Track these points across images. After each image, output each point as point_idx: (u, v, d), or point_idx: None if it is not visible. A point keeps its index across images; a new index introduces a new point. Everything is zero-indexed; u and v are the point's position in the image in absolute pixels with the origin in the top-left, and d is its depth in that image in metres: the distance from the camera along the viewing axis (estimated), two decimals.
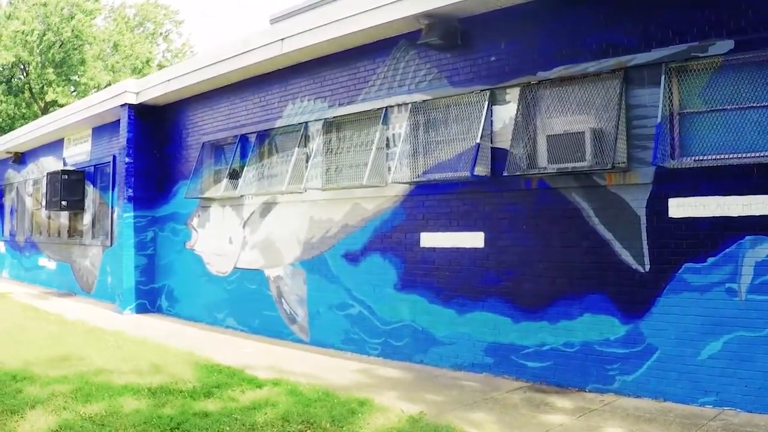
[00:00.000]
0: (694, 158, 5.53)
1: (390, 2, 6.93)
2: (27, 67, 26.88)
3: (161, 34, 31.47)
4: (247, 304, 9.34)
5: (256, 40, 8.66)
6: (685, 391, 5.42)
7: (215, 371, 6.39)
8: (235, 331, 9.39)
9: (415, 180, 7.02)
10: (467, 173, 6.48)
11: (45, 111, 25.68)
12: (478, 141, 6.51)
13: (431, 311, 7.05)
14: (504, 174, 6.30)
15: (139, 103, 11.36)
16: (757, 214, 5.09)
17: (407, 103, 7.36)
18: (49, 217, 15.14)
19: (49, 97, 25.99)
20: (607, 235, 5.95)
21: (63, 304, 12.30)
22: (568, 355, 6.08)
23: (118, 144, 12.33)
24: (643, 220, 5.74)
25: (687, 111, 5.66)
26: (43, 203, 15.13)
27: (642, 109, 5.78)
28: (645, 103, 5.77)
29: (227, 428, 4.58)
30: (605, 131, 5.92)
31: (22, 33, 25.28)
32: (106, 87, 21.42)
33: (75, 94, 27.09)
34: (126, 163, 11.28)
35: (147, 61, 29.15)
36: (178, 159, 11.13)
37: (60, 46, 26.30)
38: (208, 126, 10.42)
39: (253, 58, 8.81)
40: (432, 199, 7.12)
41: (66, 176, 13.45)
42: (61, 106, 21.87)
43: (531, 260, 6.39)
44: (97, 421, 4.69)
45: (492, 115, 6.68)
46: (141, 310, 11.32)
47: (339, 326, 7.93)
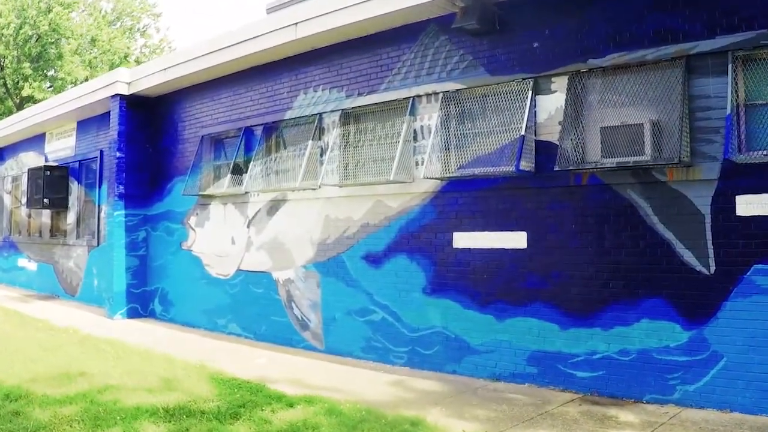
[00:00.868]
0: (764, 152, 4.96)
1: None
2: (2, 62, 25.49)
3: (139, 29, 30.24)
4: (252, 309, 8.53)
5: (265, 26, 7.86)
6: (753, 401, 4.88)
7: (234, 386, 5.62)
8: (239, 338, 8.58)
9: (449, 175, 6.35)
10: (511, 168, 5.84)
11: (20, 107, 24.33)
12: (522, 133, 5.88)
13: (466, 317, 6.38)
14: (555, 168, 5.68)
15: (131, 94, 10.45)
16: None
17: (438, 93, 6.68)
18: (29, 216, 14.04)
19: (25, 92, 24.79)
20: (667, 235, 5.37)
21: (48, 309, 11.30)
22: (623, 364, 5.49)
23: (106, 138, 11.38)
24: (708, 218, 5.17)
25: (755, 102, 5.11)
26: (23, 201, 14.02)
27: (705, 100, 5.23)
28: (709, 93, 5.22)
29: None
30: (666, 123, 5.36)
31: None
32: (83, 83, 20.37)
33: (51, 89, 25.91)
34: (117, 158, 10.34)
35: (125, 57, 27.95)
36: (173, 154, 10.24)
37: (37, 40, 25.15)
38: (207, 118, 9.57)
39: (261, 45, 8.02)
40: (466, 197, 6.45)
41: (48, 172, 12.42)
42: (37, 101, 20.66)
43: (580, 262, 5.78)
44: None
45: (536, 106, 6.02)
46: (132, 314, 10.39)
47: (358, 333, 7.20)
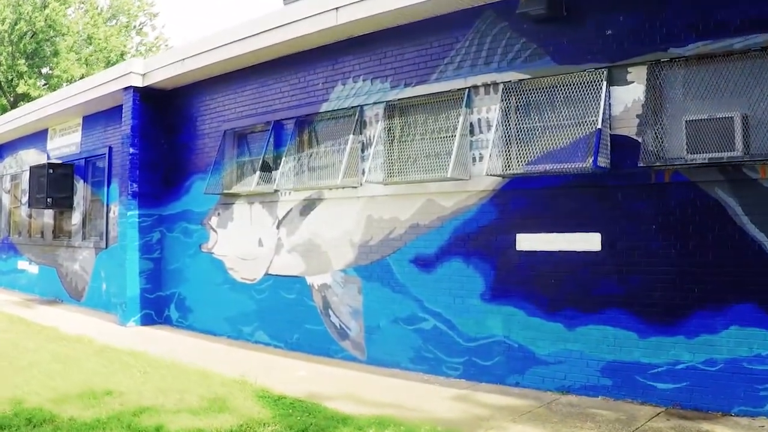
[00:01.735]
0: None
1: None
2: None
3: (135, 27, 29.44)
4: (282, 316, 7.92)
5: (302, 11, 7.26)
6: None
7: (286, 406, 5.04)
8: (267, 347, 7.97)
9: (515, 172, 5.80)
10: (588, 164, 5.33)
11: (14, 104, 23.52)
12: (599, 126, 5.34)
13: (531, 325, 5.84)
14: (640, 165, 5.18)
15: (145, 86, 9.80)
16: None
17: (497, 83, 6.14)
18: (30, 216, 13.30)
19: (20, 90, 24.09)
20: (759, 237, 4.90)
21: (53, 315, 10.59)
22: (710, 375, 5.02)
23: (116, 133, 10.73)
24: None
25: None
26: (23, 200, 13.27)
27: None
28: None
29: None
30: (758, 117, 4.86)
31: None
32: (79, 80, 19.81)
33: (46, 87, 25.19)
34: (130, 155, 9.67)
35: (121, 55, 27.12)
36: (191, 150, 9.59)
37: (32, 37, 24.40)
38: (230, 112, 8.94)
39: (294, 32, 7.43)
40: (531, 195, 5.92)
41: (52, 170, 11.68)
42: (33, 99, 19.96)
43: (661, 265, 5.29)
44: None
45: (610, 98, 5.50)
46: (146, 321, 9.72)
47: (406, 343, 6.63)
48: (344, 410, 4.94)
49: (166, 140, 10.06)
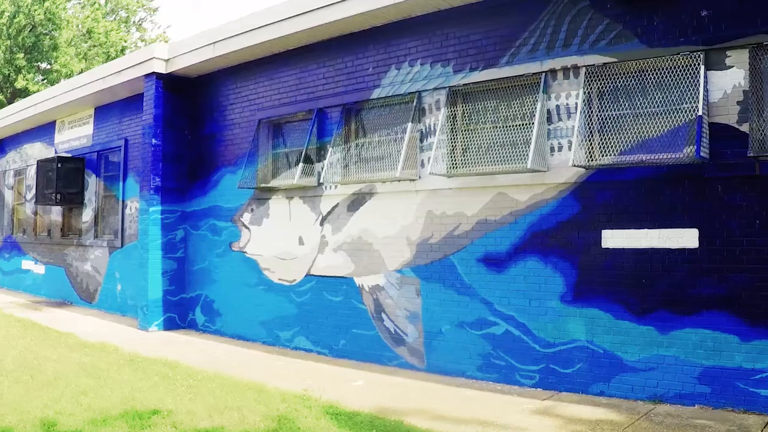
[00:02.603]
0: None
1: None
2: None
3: (134, 22, 29.60)
4: (327, 320, 7.64)
5: None
6: None
7: (365, 424, 4.84)
8: (310, 354, 7.71)
9: (604, 162, 5.58)
10: (690, 154, 5.11)
11: (12, 99, 23.35)
12: (700, 113, 5.11)
13: (618, 329, 5.61)
14: (749, 155, 4.95)
15: (169, 73, 9.47)
16: None
17: (579, 67, 5.89)
18: (35, 213, 13.00)
19: (19, 84, 23.99)
20: None
21: (66, 319, 10.30)
22: None
23: (133, 124, 10.48)
24: None
25: None
26: (28, 197, 12.96)
27: None
28: None
29: None
30: None
31: None
32: (78, 75, 19.82)
33: (44, 82, 25.24)
34: (153, 146, 9.38)
35: (122, 50, 27.17)
36: (219, 141, 9.31)
37: (31, 30, 24.37)
38: (265, 100, 8.67)
39: (342, 13, 7.18)
40: (619, 188, 5.69)
41: (61, 164, 11.34)
42: (31, 94, 19.78)
43: (766, 263, 5.02)
44: None
45: (708, 83, 5.27)
46: (169, 326, 9.44)
47: (473, 349, 6.38)
48: (428, 428, 4.67)
49: (190, 131, 9.78)
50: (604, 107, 5.80)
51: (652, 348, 5.47)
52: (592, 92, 5.86)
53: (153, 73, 9.44)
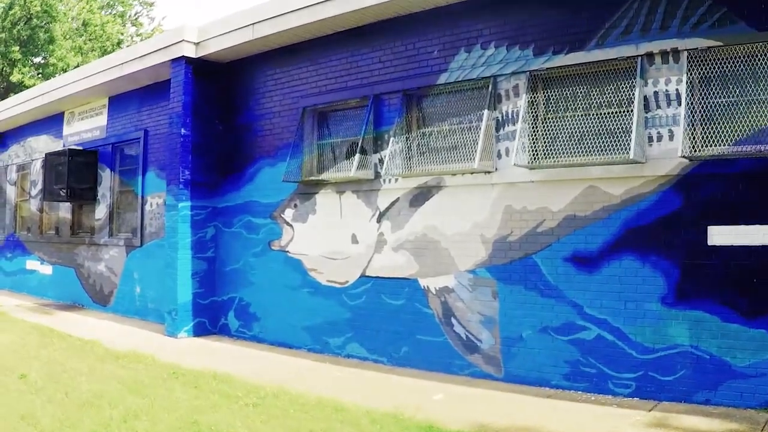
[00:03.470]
0: None
1: None
2: None
3: (130, 16, 29.92)
4: (385, 325, 7.44)
5: None
6: None
7: None
8: (365, 363, 7.52)
9: (716, 153, 5.41)
10: None
11: (6, 94, 23.42)
12: None
13: (727, 333, 5.49)
14: None
15: (198, 58, 9.19)
16: None
17: (679, 51, 5.72)
18: (41, 210, 12.72)
19: (14, 78, 24.09)
20: None
21: (84, 324, 10.08)
22: None
23: (154, 115, 10.34)
24: None
25: None
26: (33, 193, 12.68)
27: None
28: None
29: None
30: None
31: None
32: (75, 69, 20.01)
33: (39, 76, 25.33)
34: (182, 137, 9.12)
35: (118, 44, 27.43)
36: (255, 132, 9.08)
37: (26, 23, 24.46)
38: (310, 86, 8.45)
39: None
40: (726, 181, 5.59)
41: (71, 158, 11.03)
42: (27, 88, 19.66)
43: None
44: None
45: None
46: (200, 331, 9.20)
47: (559, 356, 6.20)
48: None
49: (221, 120, 9.53)
50: (709, 94, 5.65)
51: (764, 352, 5.33)
52: (694, 78, 5.70)
53: (182, 57, 9.19)
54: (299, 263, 8.42)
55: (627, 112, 5.93)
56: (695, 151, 5.62)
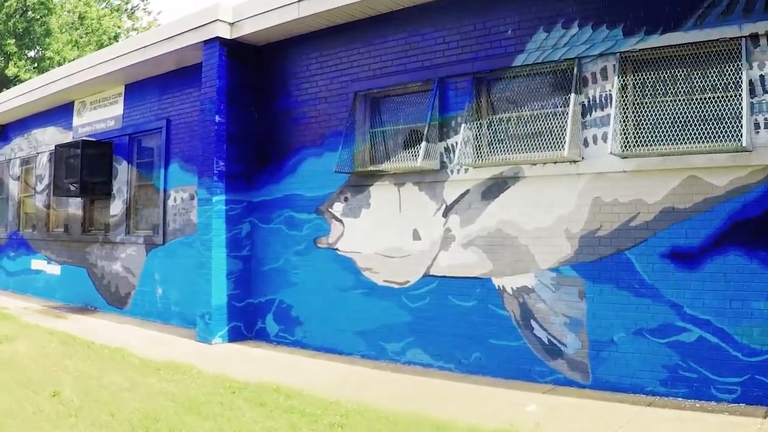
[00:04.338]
0: None
1: None
2: None
3: (126, 10, 30.95)
4: (452, 329, 7.45)
5: None
6: None
7: None
8: (429, 370, 7.55)
9: None
10: None
11: (0, 88, 23.60)
12: None
13: None
14: None
15: (233, 39, 9.10)
16: None
17: None
18: (48, 207, 12.62)
19: (9, 72, 24.67)
20: None
21: (104, 329, 10.06)
22: None
23: (178, 102, 10.47)
24: None
25: None
26: (39, 188, 12.62)
27: None
28: None
29: None
30: None
31: None
32: (71, 62, 20.54)
33: (35, 69, 25.87)
34: (216, 124, 9.07)
35: (115, 37, 28.19)
36: (298, 119, 9.05)
37: (22, 15, 25.13)
38: (362, 69, 8.44)
39: None
40: None
41: (83, 150, 10.91)
42: (22, 82, 20.51)
43: None
44: None
45: None
46: (235, 336, 9.16)
47: (655, 360, 6.23)
48: None
49: (256, 107, 9.44)
50: None
51: None
52: None
53: (216, 38, 9.14)
54: (351, 262, 8.37)
55: (729, 96, 5.94)
56: None
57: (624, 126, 6.49)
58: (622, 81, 6.51)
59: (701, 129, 6.07)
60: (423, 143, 7.52)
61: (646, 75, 6.47)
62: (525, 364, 6.96)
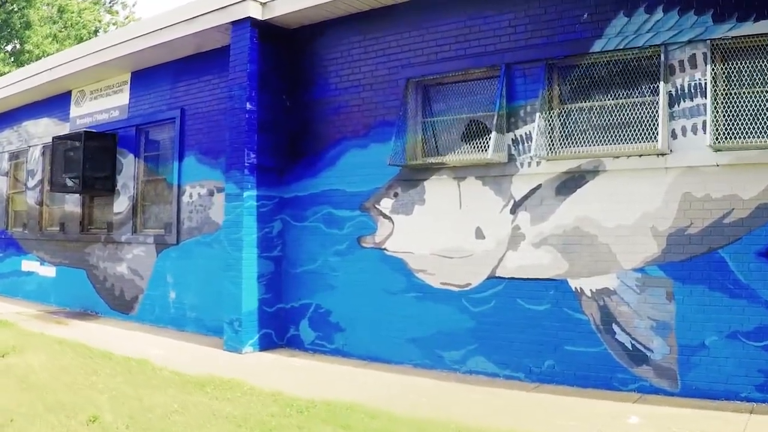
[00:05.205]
0: None
1: None
2: None
3: (104, 4, 31.84)
4: (521, 335, 7.52)
5: None
6: None
7: None
8: (495, 380, 7.66)
9: None
10: None
11: None
12: None
13: None
14: None
15: (264, 20, 9.01)
16: None
17: None
18: (40, 204, 12.38)
19: None
20: None
21: (114, 337, 9.99)
22: None
23: (194, 90, 10.62)
24: None
25: None
26: (30, 184, 12.35)
27: None
28: None
29: None
30: None
31: None
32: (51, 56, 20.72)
33: (13, 63, 26.28)
34: (247, 112, 9.01)
35: (95, 32, 28.84)
36: (338, 108, 9.04)
37: (0, 6, 25.82)
38: (413, 54, 8.48)
39: None
40: None
41: (85, 142, 10.71)
42: (2, 74, 20.28)
43: None
44: None
45: None
46: (266, 344, 9.13)
47: (751, 365, 6.40)
48: None
49: (288, 95, 9.37)
50: None
51: None
52: None
53: (247, 18, 9.07)
54: (402, 263, 8.34)
55: None
56: None
57: (714, 118, 6.60)
58: (714, 70, 6.63)
59: None
60: (493, 134, 7.54)
61: (737, 63, 6.60)
62: (605, 372, 7.03)
